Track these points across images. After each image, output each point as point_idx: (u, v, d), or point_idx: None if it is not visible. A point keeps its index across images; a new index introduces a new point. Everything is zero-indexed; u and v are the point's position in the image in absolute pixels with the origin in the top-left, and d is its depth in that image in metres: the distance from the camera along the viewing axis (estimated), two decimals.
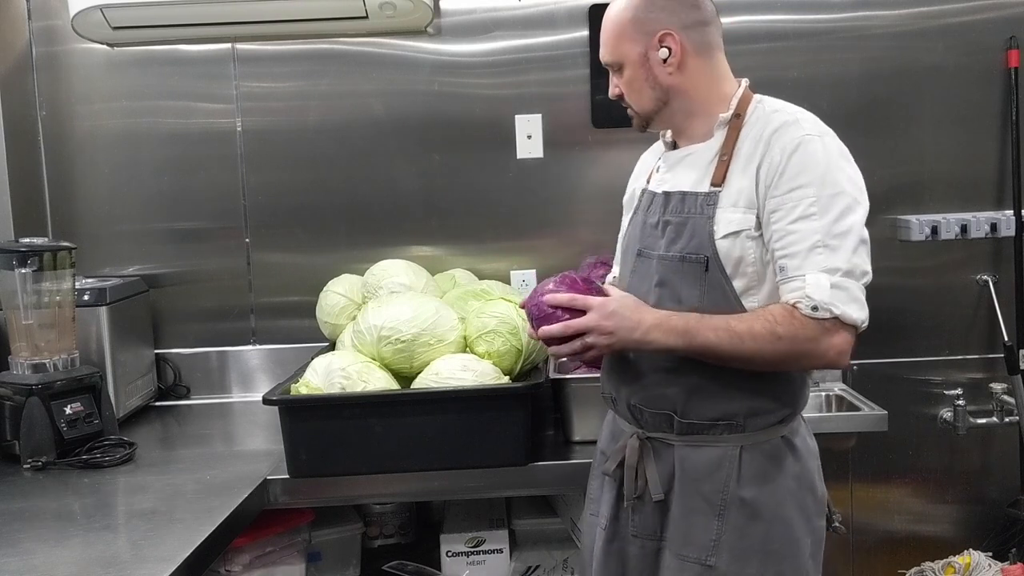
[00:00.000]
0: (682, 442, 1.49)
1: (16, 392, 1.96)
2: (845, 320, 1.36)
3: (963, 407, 2.46)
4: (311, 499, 1.89)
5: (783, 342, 1.36)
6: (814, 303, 1.35)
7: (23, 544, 1.51)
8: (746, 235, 1.42)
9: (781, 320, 1.36)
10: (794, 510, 1.47)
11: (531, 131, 2.50)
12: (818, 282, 1.35)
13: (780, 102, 1.51)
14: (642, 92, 1.53)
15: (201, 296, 2.56)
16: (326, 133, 2.52)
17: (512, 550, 2.14)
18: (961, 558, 2.35)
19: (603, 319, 1.43)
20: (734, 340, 1.38)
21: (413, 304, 1.92)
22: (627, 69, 1.53)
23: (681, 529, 1.49)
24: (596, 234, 2.51)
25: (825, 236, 1.36)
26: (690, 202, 1.49)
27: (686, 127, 1.55)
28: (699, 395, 1.47)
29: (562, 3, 2.49)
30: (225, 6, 2.25)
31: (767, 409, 1.47)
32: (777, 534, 1.45)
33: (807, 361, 1.41)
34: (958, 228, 2.45)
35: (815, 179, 1.38)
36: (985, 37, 2.47)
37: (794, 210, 1.38)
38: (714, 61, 1.53)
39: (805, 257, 1.36)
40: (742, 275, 1.44)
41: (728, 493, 1.45)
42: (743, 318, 1.40)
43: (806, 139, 1.40)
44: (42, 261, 2.02)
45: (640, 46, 1.50)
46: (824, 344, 1.36)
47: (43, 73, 2.51)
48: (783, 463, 1.47)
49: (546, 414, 2.11)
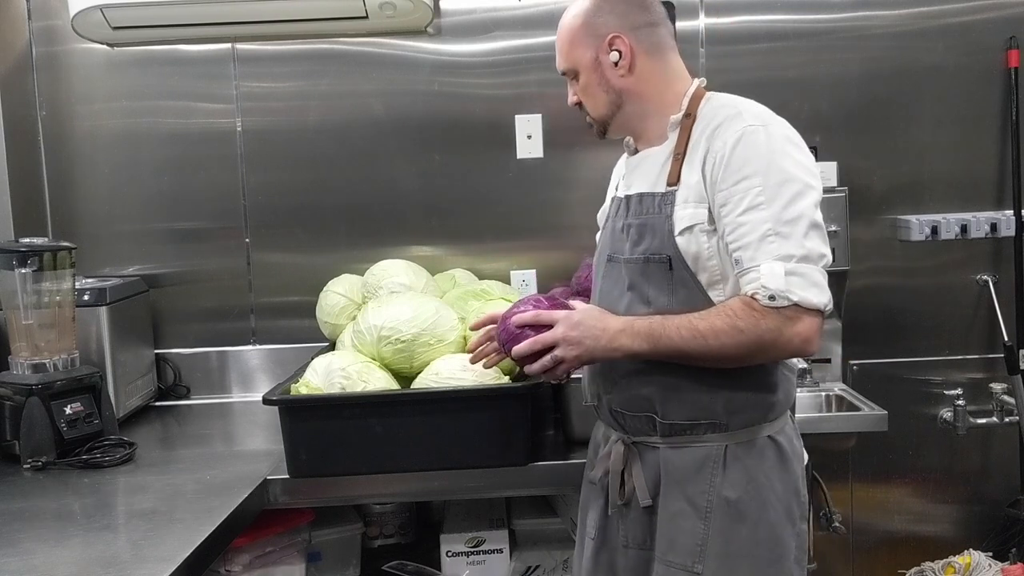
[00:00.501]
0: (666, 444, 1.48)
1: (16, 392, 1.96)
2: (806, 305, 1.34)
3: (963, 407, 2.46)
4: (311, 499, 1.88)
5: (745, 335, 1.36)
6: (770, 292, 1.34)
7: (23, 544, 1.51)
8: (699, 229, 1.42)
9: (741, 313, 1.36)
10: (780, 512, 1.45)
11: (531, 131, 2.50)
12: (772, 271, 1.34)
13: (730, 97, 1.50)
14: (596, 97, 1.54)
15: (201, 296, 2.56)
16: (326, 133, 2.52)
17: (512, 550, 2.14)
18: (961, 558, 2.35)
19: (569, 330, 1.44)
20: (697, 339, 1.37)
21: (413, 304, 1.92)
22: (581, 75, 1.54)
23: (667, 535, 1.47)
24: (596, 234, 2.51)
25: (775, 224, 1.35)
26: (648, 203, 1.49)
27: (642, 130, 1.56)
28: (676, 393, 1.46)
29: (562, 3, 2.48)
30: (225, 6, 2.25)
31: (747, 404, 1.45)
32: (763, 537, 1.44)
33: (774, 352, 1.39)
34: (958, 228, 2.46)
35: (760, 169, 1.37)
36: (985, 37, 2.47)
37: (742, 202, 1.37)
38: (665, 61, 1.54)
39: (757, 247, 1.35)
40: (704, 270, 1.43)
41: (713, 494, 1.44)
42: (704, 315, 1.39)
43: (748, 130, 1.39)
44: (42, 261, 2.02)
45: (591, 51, 1.51)
46: (788, 332, 1.35)
47: (43, 73, 2.51)
48: (768, 464, 1.46)
49: (546, 414, 2.11)
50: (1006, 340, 2.46)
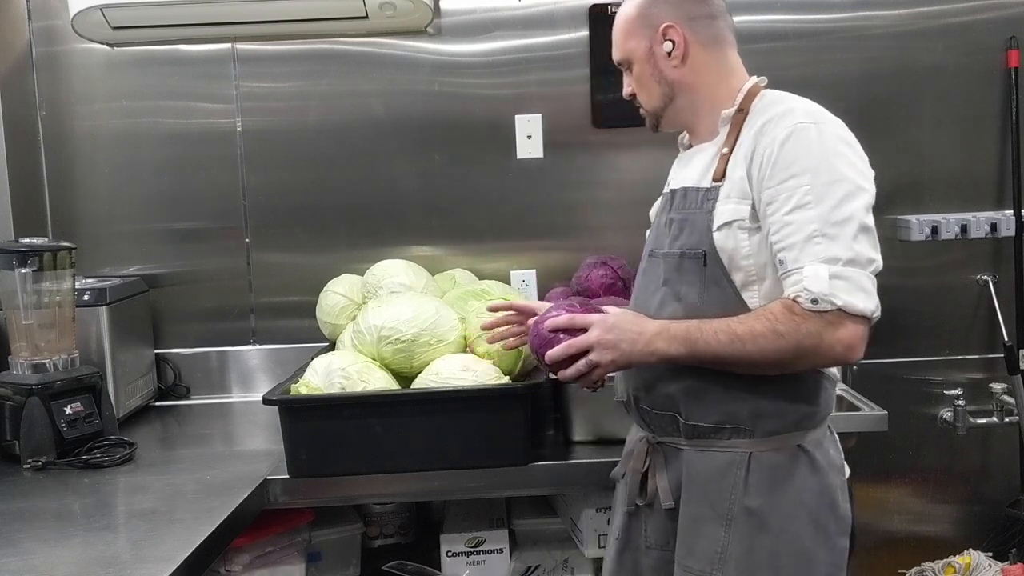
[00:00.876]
0: (690, 446, 1.45)
1: (16, 392, 1.96)
2: (850, 311, 1.29)
3: (963, 407, 2.46)
4: (311, 499, 1.88)
5: (784, 340, 1.30)
6: (813, 295, 1.28)
7: (23, 544, 1.51)
8: (738, 226, 1.38)
9: (781, 317, 1.31)
10: (807, 525, 1.39)
11: (531, 131, 2.50)
12: (816, 273, 1.28)
13: (784, 94, 1.47)
14: (650, 88, 1.52)
15: (201, 296, 2.56)
16: (326, 133, 2.52)
17: (512, 550, 2.14)
18: (961, 558, 2.35)
19: (604, 333, 1.40)
20: (735, 343, 1.33)
21: (413, 304, 1.92)
22: (635, 66, 1.53)
23: (687, 539, 1.44)
24: (596, 234, 2.52)
25: (823, 225, 1.30)
26: (691, 197, 1.47)
27: (695, 124, 1.54)
28: (701, 395, 1.42)
29: (562, 3, 2.49)
30: (225, 6, 2.25)
31: (775, 412, 1.40)
32: (785, 548, 1.38)
33: (814, 358, 1.33)
34: (958, 228, 2.46)
35: (809, 167, 1.32)
36: (985, 37, 2.47)
37: (789, 200, 1.32)
38: (721, 56, 1.51)
39: (802, 248, 1.30)
40: (738, 268, 1.39)
41: (734, 501, 1.40)
42: (743, 319, 1.34)
43: (799, 127, 1.35)
44: (42, 261, 2.02)
45: (646, 41, 1.50)
46: (829, 338, 1.29)
47: (43, 73, 2.51)
48: (797, 473, 1.40)
49: (546, 414, 2.11)
50: (1006, 340, 2.46)
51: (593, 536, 2.01)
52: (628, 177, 2.51)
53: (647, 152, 2.50)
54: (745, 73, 1.53)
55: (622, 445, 1.74)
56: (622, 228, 2.50)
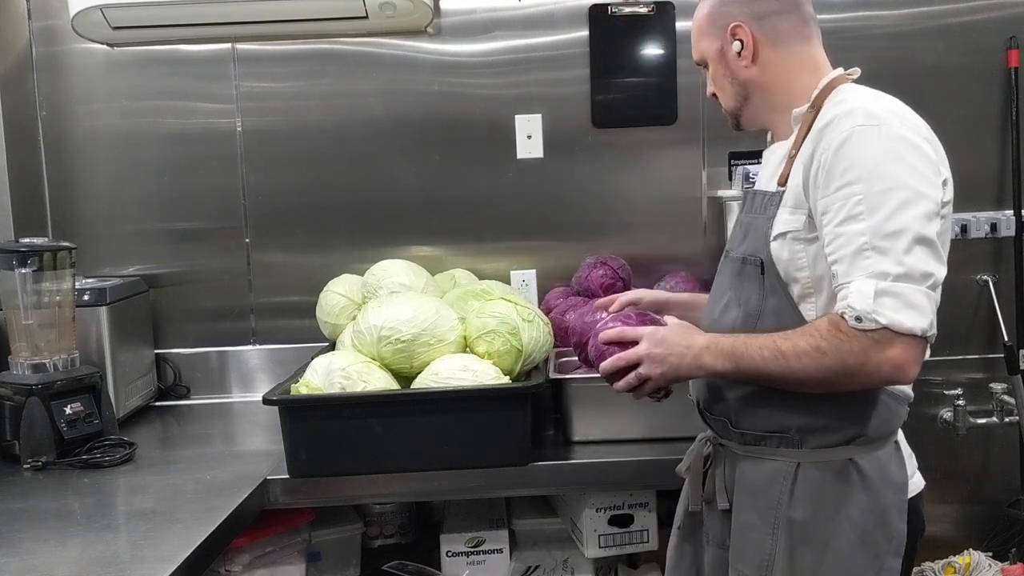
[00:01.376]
0: (743, 452, 1.45)
1: (16, 392, 1.96)
2: (897, 329, 1.21)
3: (963, 407, 2.46)
4: (311, 499, 1.88)
5: (828, 358, 1.24)
6: (856, 313, 1.22)
7: (23, 544, 1.51)
8: (792, 236, 1.34)
9: (826, 334, 1.25)
10: (854, 542, 1.33)
11: (531, 131, 2.50)
12: (860, 290, 1.22)
13: (855, 90, 1.38)
14: (724, 88, 1.50)
15: (201, 296, 2.56)
16: (326, 133, 2.52)
17: (512, 550, 2.14)
18: (961, 558, 2.35)
19: (653, 347, 1.39)
20: (779, 360, 1.28)
21: (413, 304, 1.92)
22: (711, 66, 1.51)
23: (738, 543, 1.43)
24: (596, 234, 2.52)
25: (873, 237, 1.23)
26: (758, 201, 1.44)
27: (773, 123, 1.51)
28: (753, 404, 1.40)
29: (562, 3, 2.49)
30: (225, 6, 2.25)
31: (825, 427, 1.35)
32: (831, 564, 1.34)
33: (861, 378, 1.26)
34: (958, 228, 2.46)
35: (864, 175, 1.25)
36: (985, 37, 2.47)
37: (841, 210, 1.26)
38: (795, 52, 1.45)
39: (851, 262, 1.24)
40: (795, 280, 1.36)
41: (780, 511, 1.37)
42: (789, 335, 1.29)
43: (857, 131, 1.27)
44: (42, 261, 2.02)
45: (717, 41, 1.47)
46: (876, 358, 1.22)
47: (43, 73, 2.51)
48: (845, 488, 1.34)
49: (546, 414, 2.11)
50: (1006, 340, 2.46)
51: (593, 536, 2.01)
52: (628, 177, 2.51)
53: (647, 152, 2.51)
54: (827, 67, 1.46)
55: (623, 445, 1.74)
56: (622, 228, 2.51)
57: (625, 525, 1.99)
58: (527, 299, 2.26)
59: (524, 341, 1.90)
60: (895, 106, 1.34)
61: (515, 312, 1.93)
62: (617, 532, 2.00)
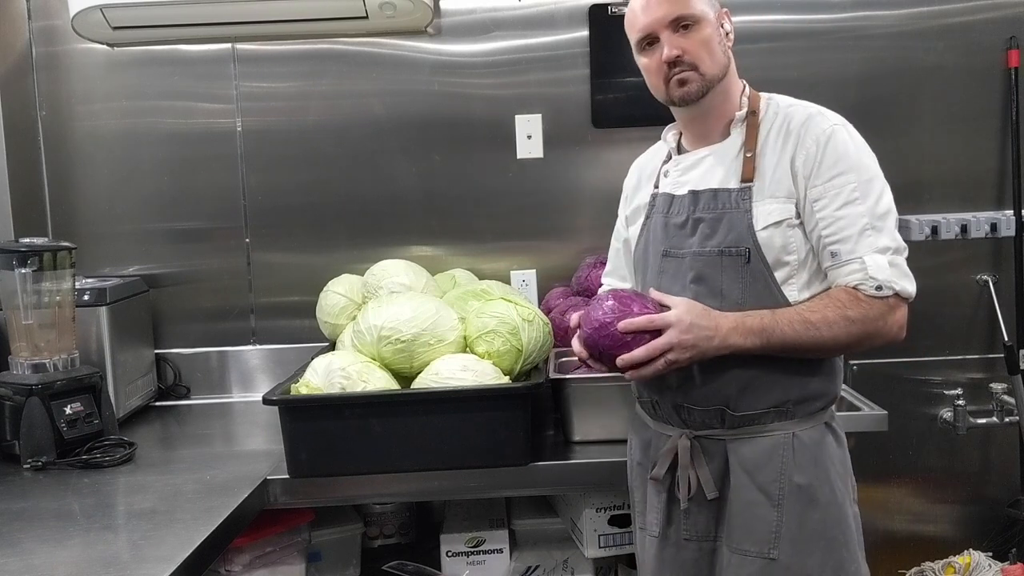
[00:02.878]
0: (732, 436, 1.51)
1: (16, 392, 1.96)
2: (904, 295, 1.44)
3: (963, 407, 2.46)
4: (311, 499, 1.88)
5: (856, 325, 1.42)
6: (878, 283, 1.42)
7: (23, 544, 1.51)
8: (787, 224, 1.47)
9: (850, 304, 1.43)
10: (844, 493, 1.51)
11: (531, 131, 2.50)
12: (877, 262, 1.42)
13: (790, 98, 1.57)
14: (716, 54, 1.52)
15: (201, 296, 2.56)
16: (326, 133, 2.52)
17: (512, 550, 2.14)
18: (961, 558, 2.35)
19: (683, 334, 1.42)
20: (811, 331, 1.43)
21: (413, 304, 1.92)
22: (705, 27, 1.51)
23: (740, 524, 1.50)
24: (596, 234, 2.51)
25: (872, 219, 1.44)
26: (723, 198, 1.52)
27: (706, 121, 1.57)
28: (751, 387, 1.49)
29: (562, 3, 2.49)
30: (225, 6, 2.25)
31: (816, 393, 1.51)
32: (833, 519, 1.48)
33: (878, 339, 1.46)
34: (958, 228, 2.46)
35: (852, 165, 1.46)
36: (985, 37, 2.47)
37: (838, 197, 1.45)
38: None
39: (857, 241, 1.43)
40: (783, 264, 1.48)
41: (784, 481, 1.47)
42: (813, 307, 1.44)
43: (835, 129, 1.48)
44: (42, 261, 2.02)
45: (713, 12, 1.54)
46: (890, 321, 1.44)
47: (43, 73, 2.51)
48: (829, 447, 1.52)
49: (546, 414, 2.11)
50: (1006, 340, 2.46)
51: (593, 536, 2.01)
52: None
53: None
54: None
55: (622, 445, 1.74)
56: None
57: (625, 525, 1.99)
58: (527, 299, 2.25)
59: (524, 341, 1.91)
60: None
61: (515, 312, 1.93)
62: (617, 532, 2.00)
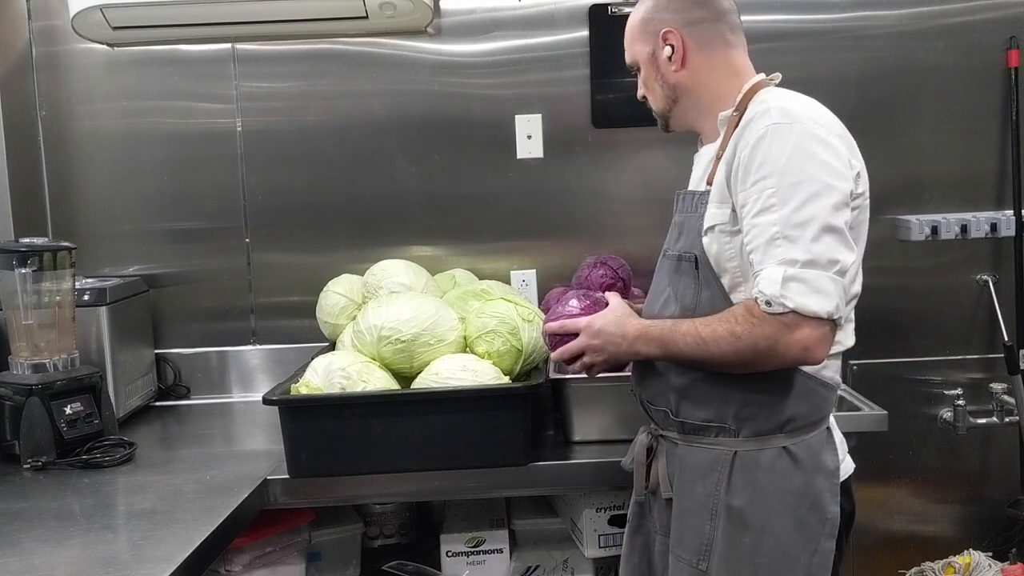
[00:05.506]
0: (683, 441, 1.51)
1: (16, 392, 1.96)
2: (804, 312, 1.30)
3: (963, 407, 2.46)
4: (311, 499, 1.88)
5: (742, 341, 1.34)
6: (766, 298, 1.31)
7: (23, 544, 1.51)
8: (720, 229, 1.42)
9: (740, 319, 1.34)
10: (789, 526, 1.40)
11: (531, 131, 2.50)
12: (770, 276, 1.31)
13: (775, 92, 1.47)
14: (654, 91, 1.58)
15: (201, 296, 2.56)
16: (326, 133, 2.52)
17: (512, 550, 2.14)
18: (961, 558, 2.35)
19: (591, 339, 1.52)
20: (700, 345, 1.38)
21: (413, 304, 1.92)
22: (642, 69, 1.58)
23: (678, 529, 1.50)
24: (596, 234, 2.52)
25: (784, 227, 1.31)
26: (688, 201, 1.53)
27: (701, 126, 1.58)
28: (690, 394, 1.47)
29: (562, 3, 2.49)
30: (225, 6, 2.25)
31: (759, 415, 1.42)
32: (766, 547, 1.40)
33: (772, 359, 1.35)
34: (958, 228, 2.45)
35: (775, 169, 1.33)
36: (985, 37, 2.47)
37: (756, 203, 1.35)
38: (722, 57, 1.52)
39: (765, 251, 1.33)
40: (725, 271, 1.43)
41: (718, 498, 1.44)
42: (708, 321, 1.39)
43: (772, 128, 1.35)
44: (42, 261, 2.02)
45: (649, 46, 1.55)
46: (785, 339, 1.31)
47: (43, 73, 2.51)
48: (780, 475, 1.41)
49: (546, 414, 2.11)
50: (1006, 340, 2.46)
51: (593, 536, 2.01)
52: (628, 177, 2.52)
53: (647, 152, 2.51)
54: (751, 73, 1.54)
55: (622, 445, 1.74)
56: (622, 228, 2.51)
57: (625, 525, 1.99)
58: (527, 299, 2.25)
59: (524, 341, 1.91)
60: (810, 106, 1.43)
61: (515, 312, 1.93)
62: (617, 532, 2.00)
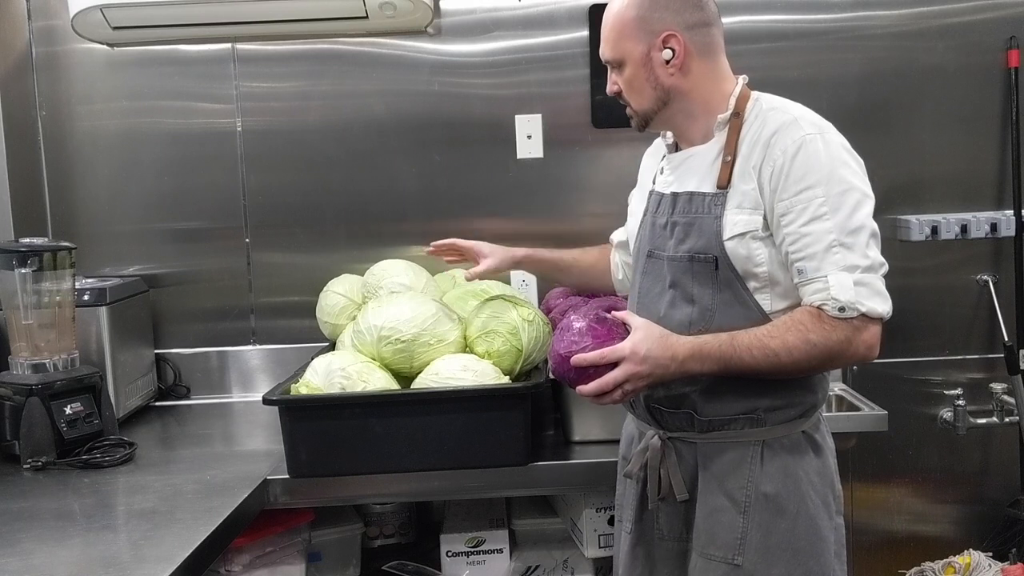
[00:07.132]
0: (704, 440, 1.50)
1: (16, 392, 1.96)
2: (872, 315, 1.38)
3: (963, 407, 2.46)
4: (311, 499, 1.89)
5: (818, 348, 1.38)
6: (840, 304, 1.36)
7: (23, 544, 1.51)
8: (751, 236, 1.44)
9: (812, 327, 1.38)
10: (818, 506, 1.47)
11: (531, 131, 2.50)
12: (841, 282, 1.36)
13: (778, 99, 1.51)
14: (643, 92, 1.53)
15: (201, 296, 2.56)
16: (326, 133, 2.52)
17: (512, 550, 2.14)
18: (961, 558, 2.35)
19: (637, 366, 1.43)
20: (770, 357, 1.39)
21: (413, 304, 1.92)
22: (628, 67, 1.53)
23: (706, 529, 1.49)
24: (596, 234, 2.51)
25: (840, 235, 1.37)
26: (697, 202, 1.50)
27: (686, 128, 1.56)
28: (718, 392, 1.48)
29: (562, 3, 2.49)
30: (225, 6, 2.25)
31: (787, 404, 1.47)
32: (802, 530, 1.46)
33: (841, 361, 1.43)
34: (958, 228, 2.45)
35: (822, 179, 1.38)
36: (985, 37, 2.47)
37: (804, 212, 1.38)
38: (715, 63, 1.53)
39: (823, 258, 1.37)
40: (752, 276, 1.45)
41: (751, 489, 1.46)
42: (774, 332, 1.40)
43: (807, 139, 1.40)
44: (42, 261, 2.02)
45: (643, 45, 1.50)
46: (856, 342, 1.38)
47: (43, 73, 2.51)
48: (804, 458, 1.48)
49: (546, 414, 2.11)
50: (1006, 340, 2.46)
51: (593, 536, 2.01)
52: (628, 177, 2.48)
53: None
54: (733, 76, 1.55)
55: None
56: None
57: None
58: (527, 299, 2.25)
59: (524, 341, 1.91)
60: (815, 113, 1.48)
61: (515, 312, 1.93)
62: None
